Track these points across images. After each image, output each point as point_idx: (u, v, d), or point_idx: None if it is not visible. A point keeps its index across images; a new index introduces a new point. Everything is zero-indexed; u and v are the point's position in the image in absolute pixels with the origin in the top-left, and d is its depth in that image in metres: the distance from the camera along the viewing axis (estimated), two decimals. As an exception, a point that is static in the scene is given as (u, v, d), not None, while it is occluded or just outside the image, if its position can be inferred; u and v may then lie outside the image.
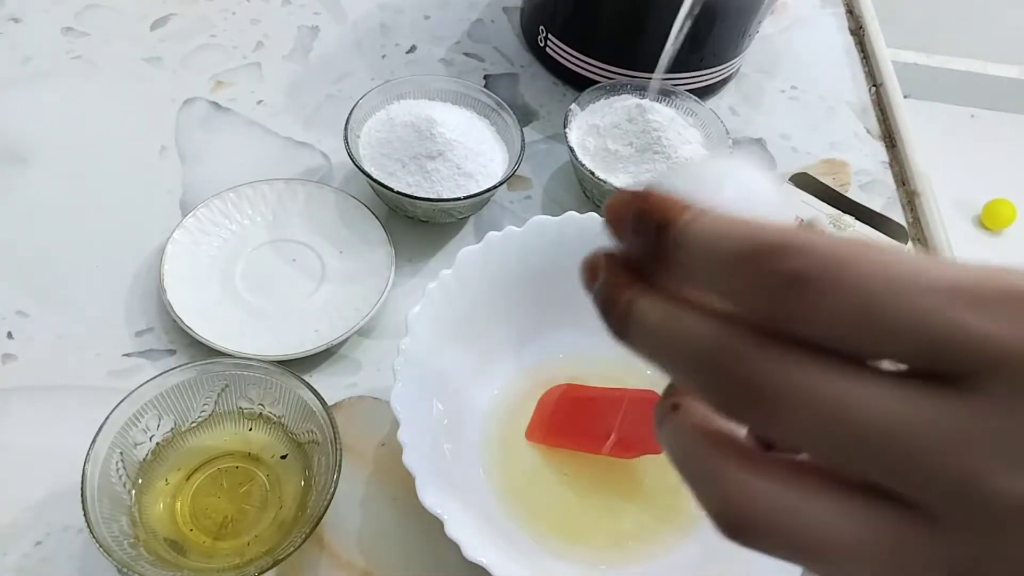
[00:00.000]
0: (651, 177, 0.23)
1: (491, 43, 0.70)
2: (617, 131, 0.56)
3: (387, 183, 0.52)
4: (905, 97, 0.71)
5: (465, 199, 0.52)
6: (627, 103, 0.57)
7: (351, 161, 0.53)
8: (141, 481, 0.42)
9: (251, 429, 0.44)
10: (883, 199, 0.64)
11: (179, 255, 0.51)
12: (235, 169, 0.58)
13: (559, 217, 0.48)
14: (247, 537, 0.41)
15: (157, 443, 0.43)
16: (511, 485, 0.45)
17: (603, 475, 0.45)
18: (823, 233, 0.17)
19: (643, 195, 0.21)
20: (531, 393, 0.48)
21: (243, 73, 0.65)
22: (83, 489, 0.38)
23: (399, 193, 0.52)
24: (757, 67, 0.71)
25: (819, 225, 0.22)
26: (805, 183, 0.61)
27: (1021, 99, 1.84)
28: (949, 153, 1.59)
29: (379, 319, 0.52)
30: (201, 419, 0.44)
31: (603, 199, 0.56)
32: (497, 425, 0.47)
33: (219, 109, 0.63)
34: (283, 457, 0.44)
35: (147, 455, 0.42)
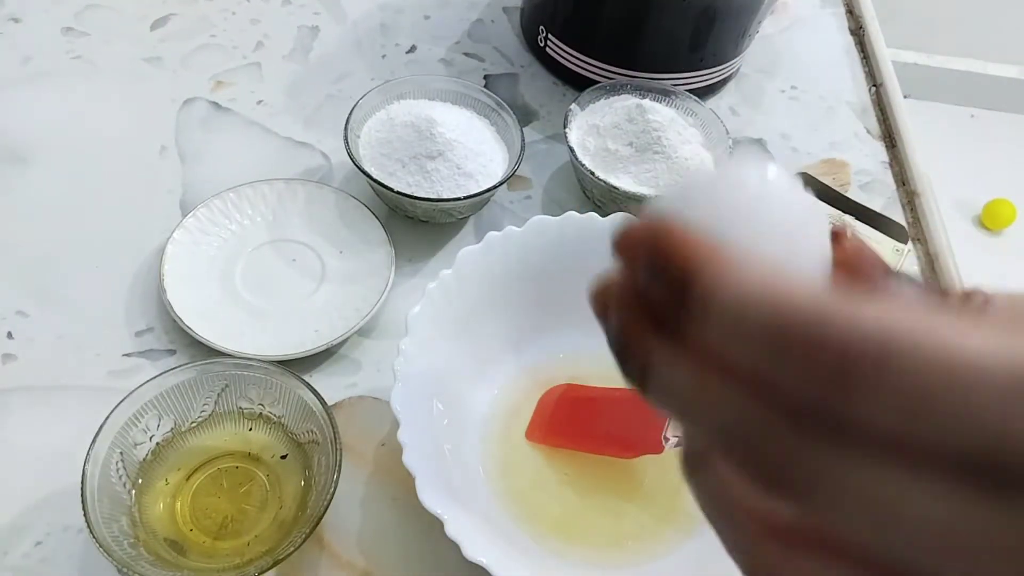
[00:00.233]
0: (668, 194, 0.21)
1: (491, 43, 0.70)
2: (617, 131, 0.56)
3: (387, 183, 0.52)
4: (905, 97, 0.71)
5: (465, 199, 0.52)
6: (627, 103, 0.57)
7: (351, 161, 0.53)
8: (141, 481, 0.42)
9: (251, 429, 0.44)
10: (883, 199, 0.64)
11: (179, 255, 0.51)
12: (235, 169, 0.58)
13: (559, 217, 0.48)
14: (247, 537, 0.41)
15: (157, 443, 0.43)
16: (511, 485, 0.45)
17: (603, 475, 0.45)
18: (868, 302, 0.16)
19: (660, 233, 0.19)
20: (531, 393, 0.48)
21: (243, 73, 0.65)
22: (83, 489, 0.38)
23: (399, 193, 0.52)
24: (757, 67, 0.71)
25: (850, 233, 0.21)
26: (805, 183, 0.61)
27: (1021, 99, 1.84)
28: (949, 153, 1.59)
29: (379, 319, 0.52)
30: (201, 419, 0.44)
31: (603, 199, 0.56)
32: (497, 425, 0.47)
33: (219, 109, 0.63)
34: (283, 457, 0.44)
35: (147, 455, 0.42)
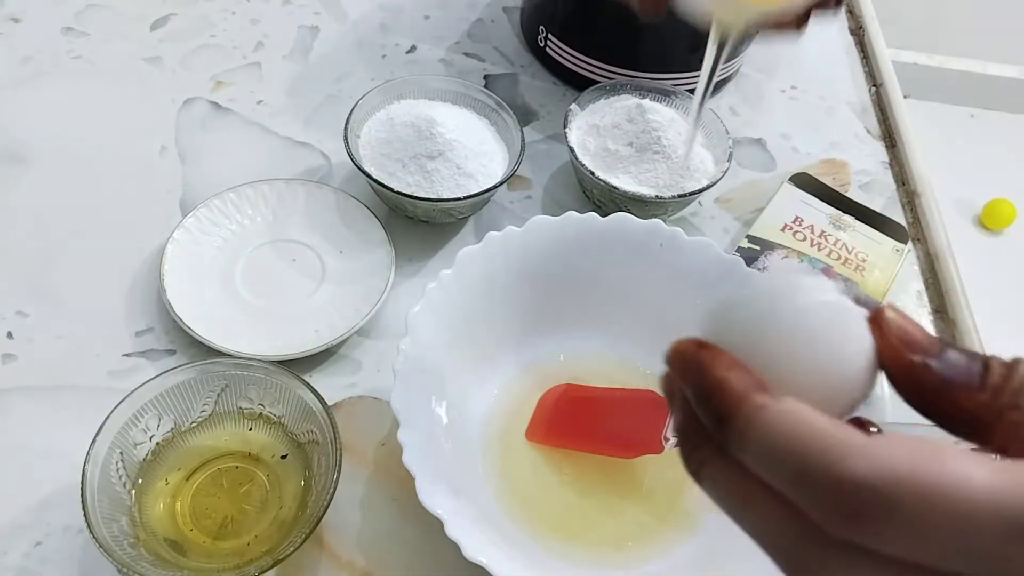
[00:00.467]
0: (713, 312, 0.24)
1: (491, 43, 0.70)
2: (617, 131, 0.56)
3: (387, 183, 0.52)
4: (905, 97, 0.71)
5: (465, 199, 0.52)
6: (627, 103, 0.57)
7: (351, 161, 0.53)
8: (141, 481, 0.42)
9: (251, 429, 0.44)
10: (883, 199, 0.64)
11: (179, 255, 0.51)
12: (235, 169, 0.58)
13: (559, 217, 0.47)
14: (247, 537, 0.41)
15: (157, 443, 0.43)
16: (511, 485, 0.45)
17: (603, 475, 0.45)
18: (881, 443, 0.19)
19: (703, 364, 0.22)
20: (531, 393, 0.48)
21: (243, 73, 0.65)
22: (83, 489, 0.38)
23: (399, 193, 0.52)
24: (757, 67, 0.71)
25: (889, 310, 0.23)
26: (805, 183, 0.61)
27: (1021, 99, 1.84)
28: (949, 153, 1.59)
29: (379, 319, 0.52)
30: (201, 419, 0.44)
31: (603, 199, 0.56)
32: (497, 425, 0.47)
33: (219, 109, 0.63)
34: (283, 457, 0.44)
35: (147, 455, 0.42)
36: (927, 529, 0.18)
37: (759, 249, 0.57)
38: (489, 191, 0.53)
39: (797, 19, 0.33)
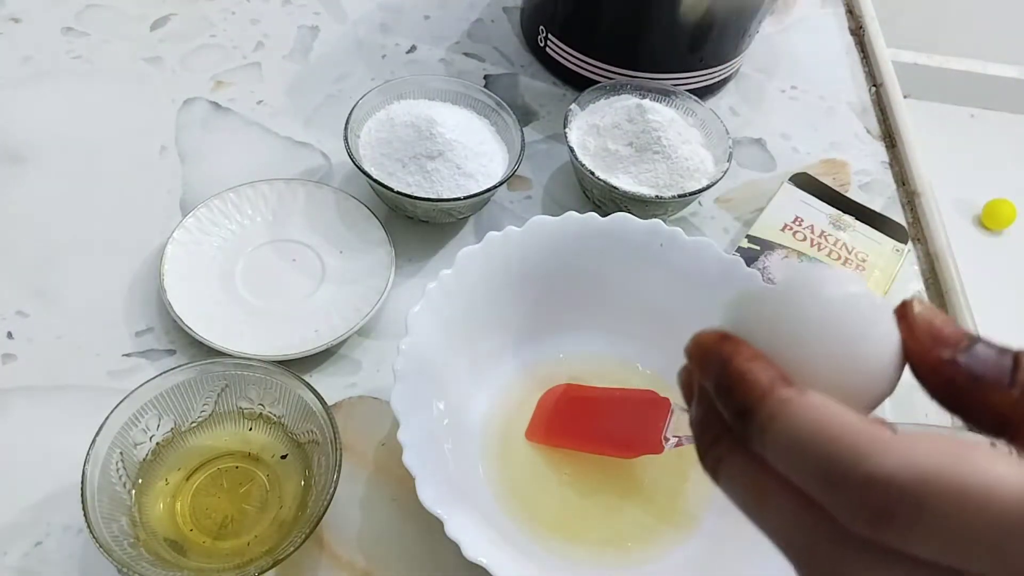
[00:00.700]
0: (735, 303, 0.23)
1: (491, 43, 0.70)
2: (617, 131, 0.56)
3: (387, 183, 0.52)
4: (905, 97, 0.71)
5: (465, 199, 0.52)
6: (627, 103, 0.57)
7: (351, 161, 0.53)
8: (141, 481, 0.42)
9: (251, 429, 0.44)
10: (883, 199, 0.64)
11: (179, 255, 0.51)
12: (235, 169, 0.58)
13: (559, 217, 0.47)
14: (247, 537, 0.41)
15: (157, 443, 0.43)
16: (511, 485, 0.45)
17: (603, 475, 0.45)
18: (906, 441, 0.18)
19: (725, 356, 0.21)
20: (531, 393, 0.48)
21: (243, 73, 0.65)
22: (83, 489, 0.38)
23: (399, 193, 0.52)
24: (757, 67, 0.71)
25: (917, 304, 0.22)
26: (805, 183, 0.61)
27: (1021, 99, 1.85)
28: (949, 153, 1.59)
29: (379, 319, 0.52)
30: (201, 419, 0.44)
31: (603, 199, 0.56)
32: (497, 425, 0.47)
33: (219, 109, 0.63)
34: (283, 457, 0.44)
35: (147, 455, 0.42)
36: (955, 530, 0.17)
37: (759, 249, 0.57)
38: (489, 191, 0.53)
39: None
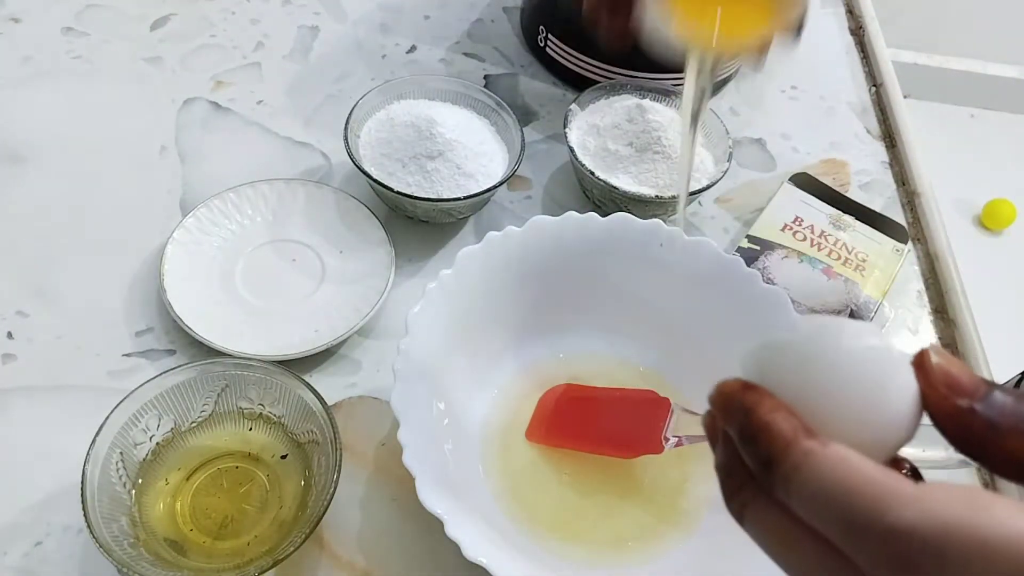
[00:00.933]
0: (757, 354, 0.24)
1: (491, 43, 0.70)
2: (617, 131, 0.56)
3: (387, 183, 0.52)
4: (905, 97, 0.71)
5: (465, 199, 0.52)
6: (627, 103, 0.57)
7: (351, 161, 0.53)
8: (141, 481, 0.42)
9: (251, 429, 0.44)
10: (883, 199, 0.64)
11: (179, 255, 0.51)
12: (235, 169, 0.58)
13: (559, 217, 0.47)
14: (247, 537, 0.41)
15: (157, 443, 0.43)
16: (511, 485, 0.45)
17: (603, 475, 0.45)
18: (927, 493, 0.19)
19: (749, 406, 0.22)
20: (531, 393, 0.48)
21: (243, 73, 0.65)
22: (83, 489, 0.38)
23: (399, 193, 0.52)
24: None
25: (933, 355, 0.23)
26: (805, 183, 0.61)
27: (1021, 99, 1.84)
28: (949, 153, 1.59)
29: (379, 319, 0.52)
30: (201, 419, 0.44)
31: (603, 199, 0.56)
32: (497, 425, 0.47)
33: (219, 109, 0.63)
34: (283, 457, 0.44)
35: (147, 455, 0.42)
36: None
37: (759, 249, 0.57)
38: (489, 191, 0.53)
39: (759, 47, 0.34)
